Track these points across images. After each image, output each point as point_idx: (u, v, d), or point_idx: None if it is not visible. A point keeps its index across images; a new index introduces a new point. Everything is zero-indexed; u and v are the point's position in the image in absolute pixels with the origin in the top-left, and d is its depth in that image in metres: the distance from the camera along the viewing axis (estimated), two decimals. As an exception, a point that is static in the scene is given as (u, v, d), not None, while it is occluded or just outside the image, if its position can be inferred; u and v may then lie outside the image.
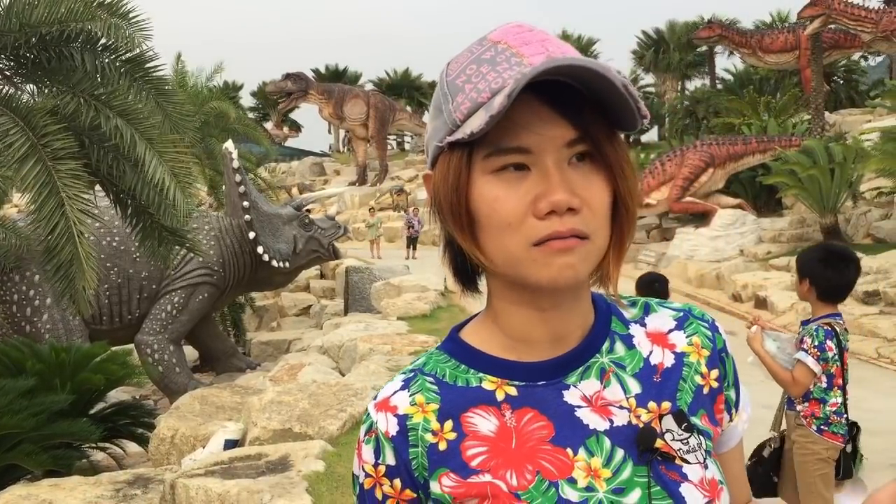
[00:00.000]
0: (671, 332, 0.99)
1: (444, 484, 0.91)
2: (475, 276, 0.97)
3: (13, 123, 6.09)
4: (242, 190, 11.09)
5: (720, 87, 36.43)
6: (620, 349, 0.96)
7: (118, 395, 9.21)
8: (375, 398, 0.97)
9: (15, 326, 9.95)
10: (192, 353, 12.58)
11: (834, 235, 14.75)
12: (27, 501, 4.66)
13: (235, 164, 11.08)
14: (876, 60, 34.87)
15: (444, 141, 0.88)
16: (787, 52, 24.92)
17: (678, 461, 0.91)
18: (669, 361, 0.96)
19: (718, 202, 17.92)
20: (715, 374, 0.98)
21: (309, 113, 74.72)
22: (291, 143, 50.32)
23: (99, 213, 8.05)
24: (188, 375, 10.83)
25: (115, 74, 6.77)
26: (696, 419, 0.94)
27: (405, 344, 7.75)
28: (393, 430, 0.93)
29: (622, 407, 0.92)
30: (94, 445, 7.25)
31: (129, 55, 6.86)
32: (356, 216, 28.28)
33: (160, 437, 6.25)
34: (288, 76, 32.70)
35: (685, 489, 0.90)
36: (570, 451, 0.90)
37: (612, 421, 0.91)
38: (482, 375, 0.94)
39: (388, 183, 32.45)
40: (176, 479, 4.15)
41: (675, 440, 0.91)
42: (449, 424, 0.92)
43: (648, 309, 1.01)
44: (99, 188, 7.44)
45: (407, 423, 0.93)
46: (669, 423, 0.92)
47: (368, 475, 0.95)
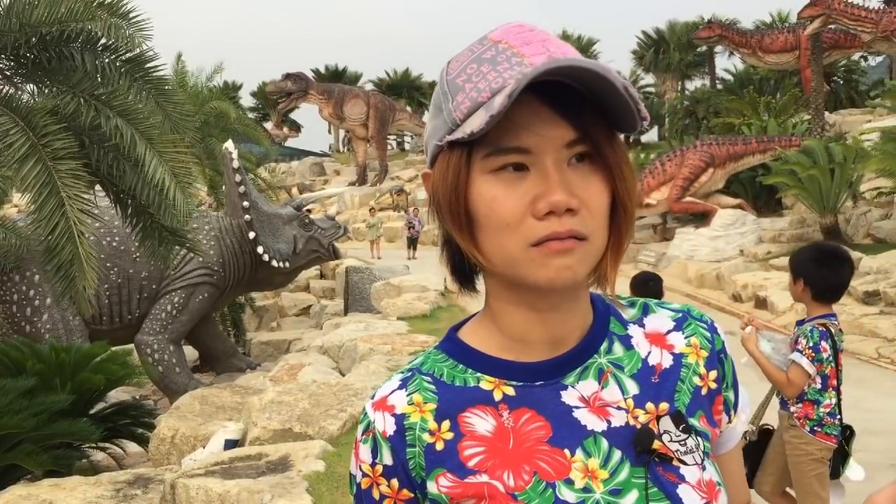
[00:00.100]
0: (670, 332, 0.98)
1: (441, 484, 0.90)
2: (473, 275, 0.97)
3: (13, 123, 6.09)
4: (242, 190, 11.10)
5: (720, 87, 36.36)
6: (619, 350, 0.95)
7: (118, 395, 9.21)
8: (373, 397, 0.97)
9: (15, 326, 9.95)
10: (192, 353, 12.58)
11: (834, 235, 14.73)
12: (27, 501, 4.66)
13: (235, 164, 11.09)
14: (876, 60, 34.87)
15: (443, 140, 0.88)
16: (787, 52, 24.95)
17: (676, 462, 0.90)
18: (668, 362, 0.96)
19: (718, 202, 17.91)
20: (713, 375, 0.98)
21: (309, 113, 74.64)
22: (291, 143, 50.34)
23: (99, 213, 8.05)
24: (188, 375, 10.84)
25: (115, 74, 6.78)
26: (693, 420, 0.94)
27: (405, 344, 7.74)
28: (390, 429, 0.93)
29: (620, 408, 0.92)
30: (94, 445, 7.25)
31: (129, 55, 6.86)
32: (356, 216, 28.30)
33: (160, 437, 6.24)
34: (288, 76, 32.72)
35: (682, 490, 0.89)
36: (567, 451, 0.90)
37: (609, 422, 0.91)
38: (480, 375, 0.94)
39: (388, 183, 32.44)
40: (176, 479, 4.15)
41: (672, 441, 0.91)
42: (446, 424, 0.92)
43: (647, 309, 1.01)
44: (99, 188, 7.44)
45: (404, 422, 0.93)
46: (667, 424, 0.91)
47: (366, 475, 0.95)
